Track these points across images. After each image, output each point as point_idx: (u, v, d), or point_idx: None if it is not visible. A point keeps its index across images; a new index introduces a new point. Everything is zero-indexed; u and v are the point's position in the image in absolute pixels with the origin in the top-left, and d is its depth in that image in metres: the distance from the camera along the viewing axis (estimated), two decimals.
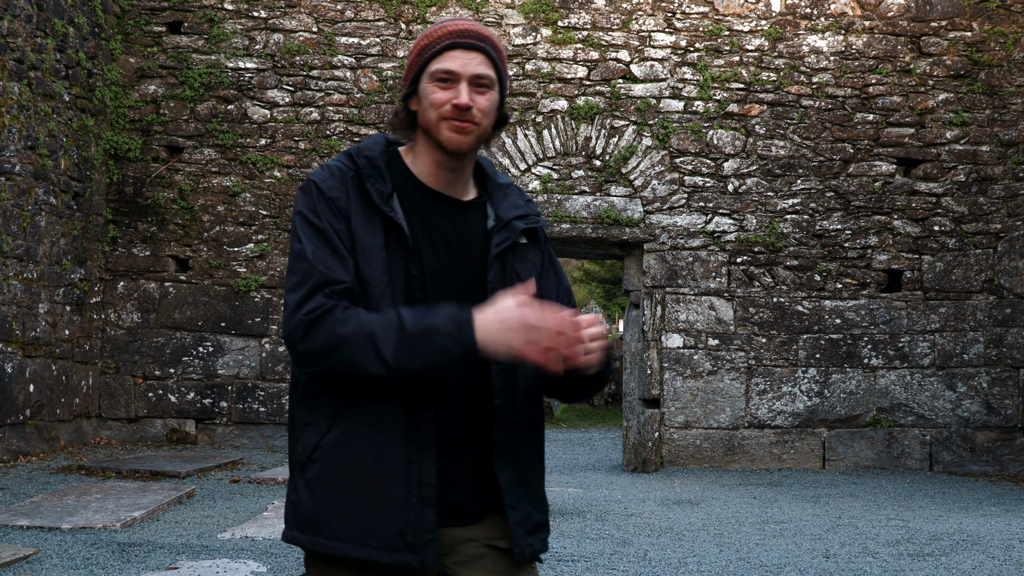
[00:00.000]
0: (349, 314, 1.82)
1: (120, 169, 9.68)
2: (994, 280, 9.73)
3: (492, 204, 2.03)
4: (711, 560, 5.55)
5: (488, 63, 1.95)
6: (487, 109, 1.94)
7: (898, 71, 9.91)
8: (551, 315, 1.78)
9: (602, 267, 26.87)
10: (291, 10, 9.86)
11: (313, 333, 1.82)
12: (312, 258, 1.86)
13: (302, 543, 1.90)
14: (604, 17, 9.91)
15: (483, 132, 1.96)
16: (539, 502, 2.00)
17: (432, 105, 1.92)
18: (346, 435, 1.87)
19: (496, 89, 1.96)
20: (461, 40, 1.93)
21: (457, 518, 1.93)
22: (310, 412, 1.91)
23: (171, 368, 9.62)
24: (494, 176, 2.07)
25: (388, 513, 1.84)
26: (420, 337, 1.78)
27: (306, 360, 1.85)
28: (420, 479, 1.86)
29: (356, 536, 1.84)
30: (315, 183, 1.93)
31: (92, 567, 4.86)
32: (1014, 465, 9.56)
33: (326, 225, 1.88)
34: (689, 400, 9.62)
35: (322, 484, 1.87)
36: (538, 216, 2.08)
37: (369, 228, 1.90)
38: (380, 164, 1.96)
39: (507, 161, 9.78)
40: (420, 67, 1.95)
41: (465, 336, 1.78)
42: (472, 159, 2.01)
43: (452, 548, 1.93)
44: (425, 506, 1.85)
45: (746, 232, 9.77)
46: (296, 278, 1.87)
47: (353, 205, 1.91)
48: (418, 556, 1.84)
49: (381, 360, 1.79)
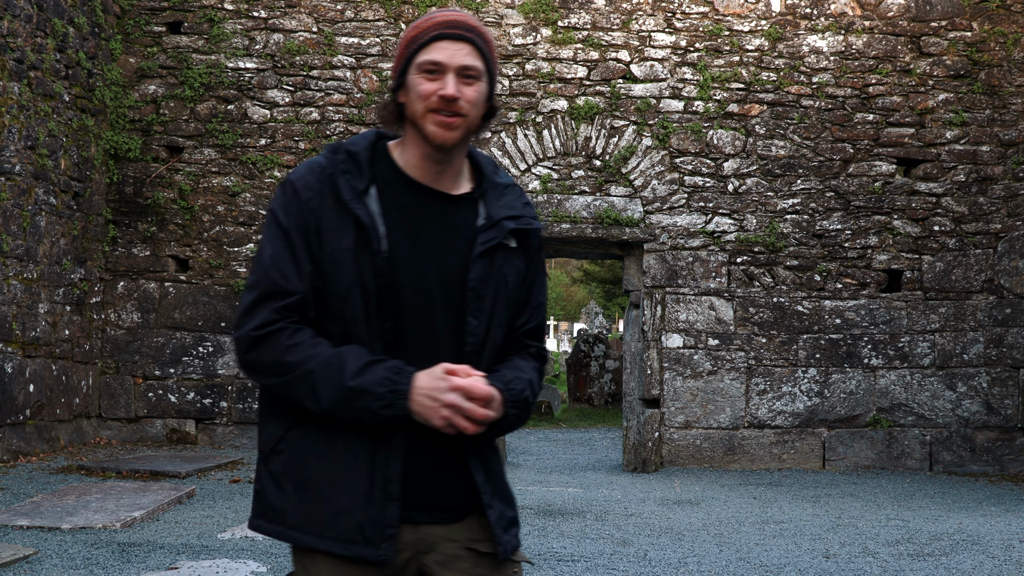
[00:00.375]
0: (296, 340, 1.86)
1: (120, 169, 9.68)
2: (994, 280, 9.73)
3: (484, 202, 2.01)
4: (711, 560, 5.55)
5: (476, 54, 1.93)
6: (474, 100, 1.93)
7: (898, 71, 9.91)
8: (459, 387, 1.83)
9: (602, 267, 26.87)
10: (291, 10, 9.86)
11: (258, 351, 1.87)
12: (269, 263, 1.89)
13: (267, 532, 1.93)
14: (604, 17, 9.92)
15: (471, 124, 1.94)
16: (508, 498, 2.02)
17: (419, 96, 1.91)
18: (312, 428, 1.90)
19: (484, 80, 1.95)
20: (448, 31, 1.92)
21: (439, 515, 1.94)
22: (275, 403, 1.94)
23: (171, 368, 9.62)
24: (492, 175, 2.05)
25: (348, 506, 1.86)
26: (354, 395, 1.83)
27: (249, 371, 1.91)
28: (385, 474, 1.87)
29: (316, 527, 1.87)
30: (292, 182, 1.93)
31: (92, 567, 4.87)
32: (1014, 465, 9.56)
33: (292, 227, 1.89)
34: (689, 400, 9.62)
35: (287, 475, 1.90)
36: (533, 219, 2.05)
37: (340, 228, 1.89)
38: (362, 159, 1.95)
39: (507, 161, 9.78)
40: (408, 59, 1.94)
41: (398, 407, 1.83)
42: (462, 152, 1.99)
43: (432, 547, 1.93)
44: (388, 501, 1.87)
45: (746, 232, 9.77)
46: (252, 279, 1.92)
47: (327, 204, 1.90)
48: (375, 550, 1.85)
49: (316, 401, 1.84)
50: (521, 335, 2.06)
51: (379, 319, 1.89)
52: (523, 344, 2.06)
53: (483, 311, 1.95)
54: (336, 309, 1.89)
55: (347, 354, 1.85)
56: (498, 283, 1.97)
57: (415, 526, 1.92)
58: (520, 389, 1.94)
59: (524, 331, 2.06)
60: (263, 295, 1.88)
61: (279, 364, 1.85)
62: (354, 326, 1.89)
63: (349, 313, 1.89)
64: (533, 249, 2.06)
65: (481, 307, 1.95)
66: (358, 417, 1.84)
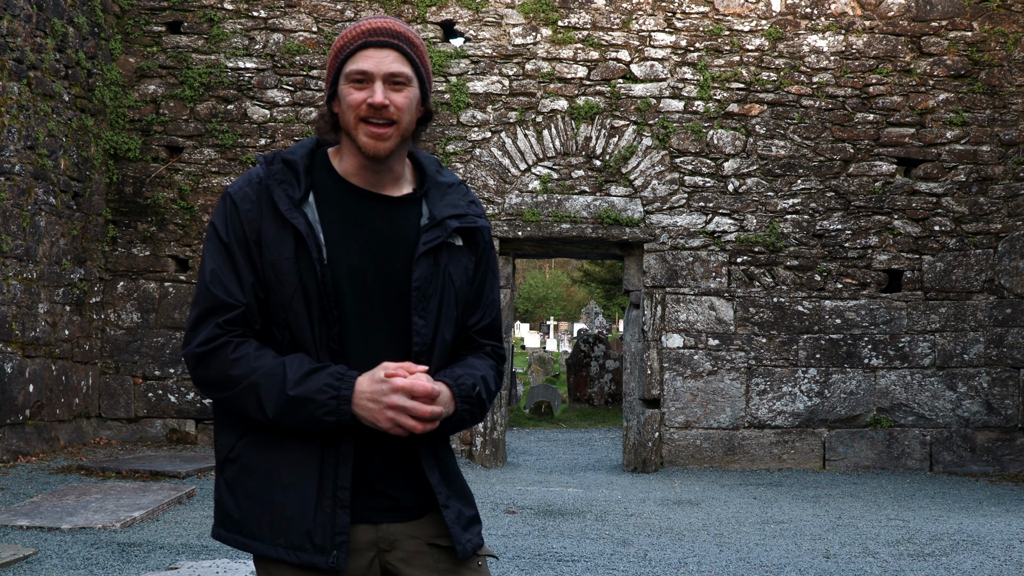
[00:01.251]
0: (239, 354, 1.86)
1: (120, 169, 9.68)
2: (994, 280, 9.73)
3: (427, 201, 2.00)
4: (711, 560, 5.55)
5: (403, 60, 1.93)
6: (404, 106, 1.93)
7: (898, 71, 9.90)
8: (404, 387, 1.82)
9: (602, 267, 26.88)
10: (291, 10, 9.85)
11: (204, 367, 1.88)
12: (209, 280, 1.89)
13: (226, 540, 1.94)
14: (604, 17, 9.91)
15: (405, 131, 1.94)
16: (466, 498, 2.02)
17: (349, 106, 1.92)
18: (260, 437, 1.91)
19: (415, 85, 1.95)
20: (373, 39, 1.92)
21: (397, 514, 1.95)
22: (228, 413, 1.95)
23: (171, 368, 9.62)
24: (435, 174, 2.05)
25: (298, 514, 1.87)
26: (298, 403, 1.83)
27: (200, 387, 1.93)
28: (335, 481, 1.88)
29: (268, 535, 1.88)
30: (230, 194, 1.94)
31: (92, 567, 4.86)
32: (1014, 465, 9.55)
33: (231, 241, 1.90)
34: (689, 400, 9.61)
35: (240, 484, 1.91)
36: (479, 217, 2.05)
37: (279, 237, 1.90)
38: (298, 167, 1.95)
39: (507, 161, 9.78)
40: (337, 69, 1.95)
41: (342, 412, 1.83)
42: (399, 158, 1.99)
43: (393, 544, 1.94)
44: (338, 508, 1.87)
45: (746, 232, 9.77)
46: (196, 295, 1.93)
47: (265, 214, 1.91)
48: (325, 557, 1.86)
49: (262, 411, 1.85)
50: (475, 334, 2.06)
51: (323, 326, 1.89)
52: (477, 343, 2.07)
53: (429, 311, 1.95)
54: (280, 318, 1.90)
55: (289, 363, 1.85)
56: (444, 282, 1.97)
57: (375, 525, 1.92)
58: (471, 384, 1.94)
59: (477, 330, 2.06)
60: (205, 311, 1.89)
61: (225, 378, 1.86)
62: (300, 334, 1.89)
63: (294, 322, 1.89)
64: (482, 247, 2.06)
65: (427, 307, 1.95)
66: (304, 426, 1.85)
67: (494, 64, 9.86)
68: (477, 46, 9.88)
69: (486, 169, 9.78)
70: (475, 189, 9.65)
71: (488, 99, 9.82)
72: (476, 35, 9.89)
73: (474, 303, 2.05)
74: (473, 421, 1.99)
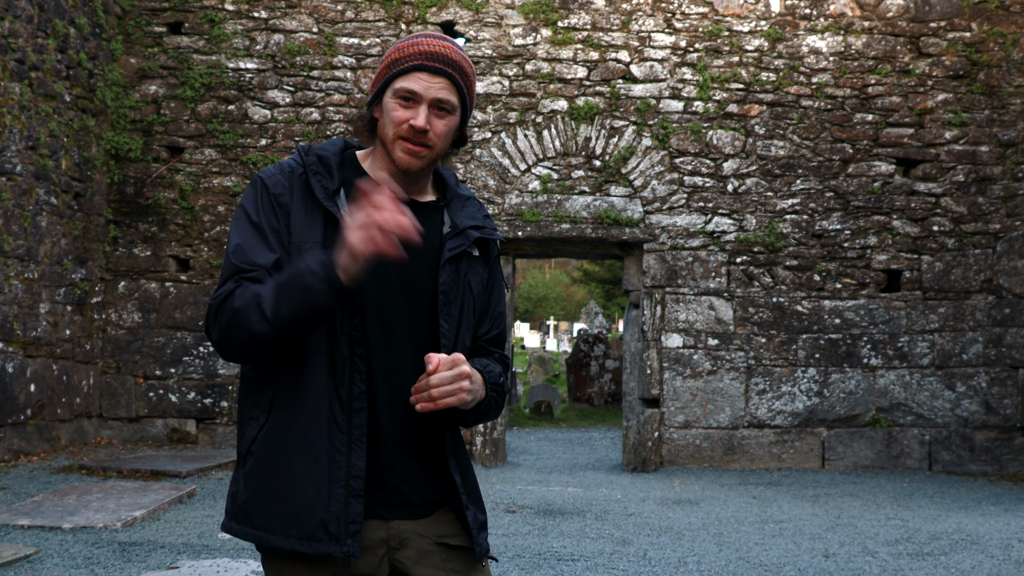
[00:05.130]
0: (245, 287, 1.86)
1: (121, 169, 9.70)
2: (993, 280, 9.75)
3: (449, 211, 2.07)
4: (711, 559, 5.56)
5: (452, 89, 1.97)
6: (443, 134, 1.97)
7: (897, 71, 9.92)
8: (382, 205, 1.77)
9: (602, 267, 26.88)
10: (291, 11, 9.87)
11: (219, 316, 1.87)
12: (233, 251, 1.91)
13: (236, 533, 1.95)
14: (604, 17, 9.93)
15: (437, 154, 1.99)
16: (480, 502, 2.06)
17: (392, 122, 1.96)
18: (277, 427, 1.92)
19: (457, 114, 1.99)
20: (429, 63, 1.95)
21: (406, 511, 1.97)
22: (253, 406, 1.96)
23: (172, 368, 9.64)
24: (455, 187, 2.12)
25: (311, 504, 1.87)
26: (290, 283, 1.80)
27: (219, 347, 1.90)
28: (348, 470, 1.89)
29: (280, 526, 1.88)
30: (262, 179, 1.98)
31: (93, 566, 4.88)
32: (1013, 465, 9.57)
33: (262, 221, 1.93)
34: (689, 400, 9.63)
35: (255, 475, 1.92)
36: (494, 231, 2.12)
37: (308, 223, 1.93)
38: (331, 163, 2.00)
39: (507, 161, 9.79)
40: (387, 80, 1.98)
41: (329, 272, 1.79)
42: (428, 172, 2.05)
43: (403, 542, 1.96)
44: (352, 497, 1.88)
45: (746, 232, 9.79)
46: (222, 270, 1.93)
47: (296, 201, 1.95)
48: (340, 546, 1.86)
49: (263, 317, 1.81)
50: (484, 343, 2.12)
51: (344, 314, 1.91)
52: (487, 351, 2.13)
53: (452, 315, 2.00)
54: None
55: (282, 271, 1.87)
56: (464, 289, 2.03)
57: (385, 522, 1.94)
58: (497, 372, 2.01)
59: (487, 339, 2.12)
60: (226, 277, 1.91)
61: (233, 314, 1.84)
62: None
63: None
64: (493, 259, 2.14)
65: (450, 311, 2.00)
66: (303, 306, 1.80)
67: (494, 64, 9.88)
68: (477, 46, 9.90)
69: (486, 169, 9.79)
70: (475, 189, 9.67)
71: (488, 99, 9.84)
72: (476, 36, 9.91)
73: (484, 313, 2.11)
74: (496, 412, 2.04)
